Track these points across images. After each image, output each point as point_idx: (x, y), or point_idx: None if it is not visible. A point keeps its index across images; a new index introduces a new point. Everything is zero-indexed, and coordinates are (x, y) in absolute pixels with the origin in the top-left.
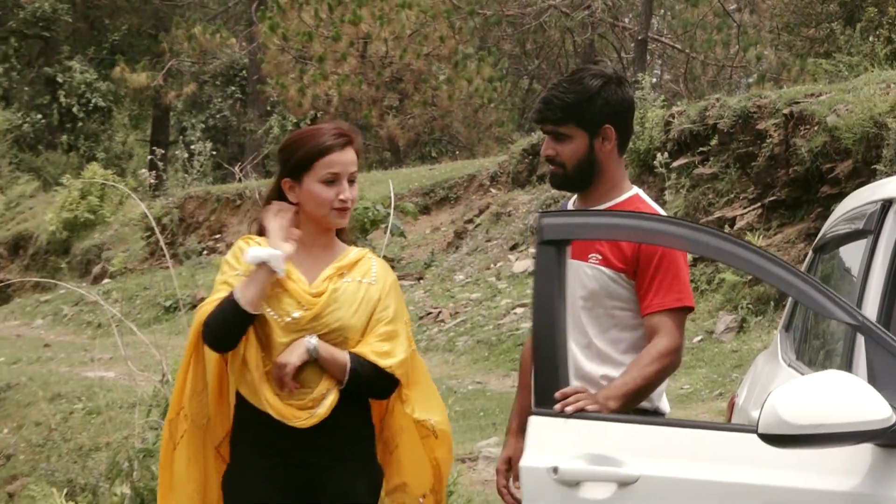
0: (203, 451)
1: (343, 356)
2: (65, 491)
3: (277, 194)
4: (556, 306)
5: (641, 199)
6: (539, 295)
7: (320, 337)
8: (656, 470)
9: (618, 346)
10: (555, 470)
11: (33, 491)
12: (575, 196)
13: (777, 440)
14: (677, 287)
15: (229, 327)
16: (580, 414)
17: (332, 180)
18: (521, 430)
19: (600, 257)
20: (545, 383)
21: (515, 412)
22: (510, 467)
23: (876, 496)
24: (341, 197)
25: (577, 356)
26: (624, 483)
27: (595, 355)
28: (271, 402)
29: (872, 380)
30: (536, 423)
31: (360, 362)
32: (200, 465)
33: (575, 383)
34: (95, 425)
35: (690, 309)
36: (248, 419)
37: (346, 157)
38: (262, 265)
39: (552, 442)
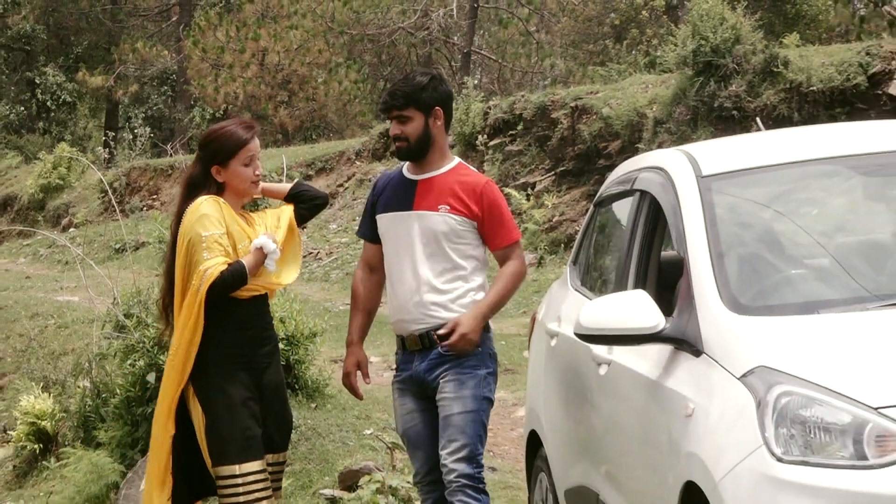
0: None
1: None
2: (41, 385)
3: (204, 177)
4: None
5: (465, 165)
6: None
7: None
8: (565, 330)
9: (459, 271)
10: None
11: (18, 385)
12: (407, 163)
13: (581, 337)
14: (512, 225)
15: (236, 290)
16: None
17: (249, 163)
18: (362, 341)
19: (448, 208)
20: None
21: (356, 328)
22: (359, 369)
23: (658, 383)
24: (257, 173)
25: (433, 281)
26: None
27: (447, 280)
28: (274, 280)
29: (679, 297)
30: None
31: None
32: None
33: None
34: (64, 336)
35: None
36: (223, 340)
37: (257, 144)
38: (259, 251)
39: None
